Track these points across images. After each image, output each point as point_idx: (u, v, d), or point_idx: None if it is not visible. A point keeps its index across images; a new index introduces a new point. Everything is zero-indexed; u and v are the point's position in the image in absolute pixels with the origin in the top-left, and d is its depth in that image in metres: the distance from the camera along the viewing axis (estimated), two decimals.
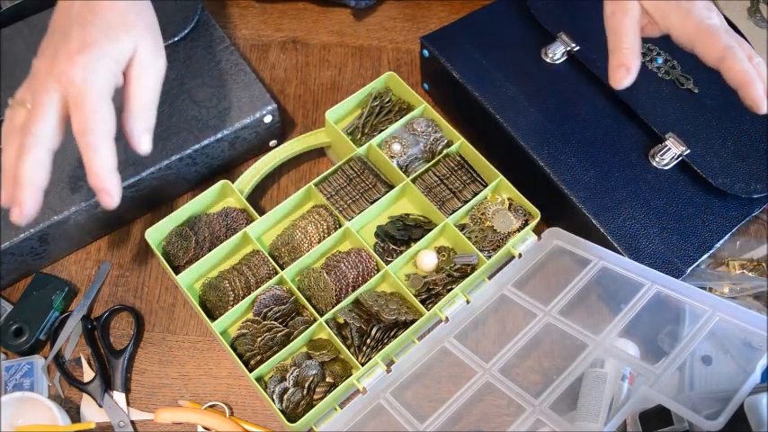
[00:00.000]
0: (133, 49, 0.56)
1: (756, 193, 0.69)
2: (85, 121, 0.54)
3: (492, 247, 0.74)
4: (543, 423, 0.60)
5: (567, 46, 0.77)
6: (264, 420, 0.70)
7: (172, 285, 0.76)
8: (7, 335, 0.70)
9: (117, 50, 0.55)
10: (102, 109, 0.54)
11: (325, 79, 0.88)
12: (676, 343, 0.60)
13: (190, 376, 0.72)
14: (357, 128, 0.80)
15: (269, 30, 0.92)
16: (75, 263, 0.76)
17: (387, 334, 0.69)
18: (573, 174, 0.72)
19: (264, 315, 0.70)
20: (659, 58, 0.76)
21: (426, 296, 0.72)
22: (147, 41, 0.58)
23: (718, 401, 0.61)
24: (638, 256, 0.68)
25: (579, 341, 0.65)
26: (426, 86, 0.87)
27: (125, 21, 0.57)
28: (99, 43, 0.54)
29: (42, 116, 0.54)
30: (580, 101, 0.76)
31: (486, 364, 0.68)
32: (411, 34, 0.92)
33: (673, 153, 0.71)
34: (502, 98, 0.76)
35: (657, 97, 0.74)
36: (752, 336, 0.59)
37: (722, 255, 0.76)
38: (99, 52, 0.54)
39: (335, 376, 0.69)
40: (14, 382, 0.69)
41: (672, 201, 0.70)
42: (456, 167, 0.76)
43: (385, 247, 0.75)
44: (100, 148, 0.54)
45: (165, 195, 0.78)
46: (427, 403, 0.68)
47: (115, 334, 0.74)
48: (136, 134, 0.57)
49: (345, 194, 0.75)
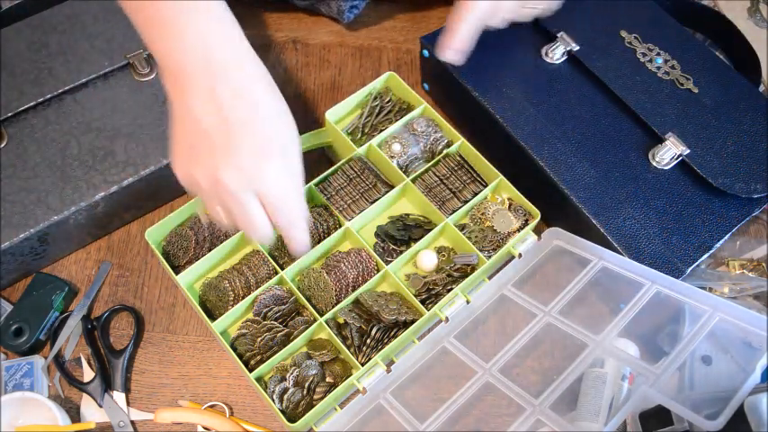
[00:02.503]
0: (290, 128, 0.58)
1: (756, 193, 0.69)
2: (290, 219, 0.59)
3: (492, 247, 0.74)
4: (543, 423, 0.60)
5: (567, 46, 0.77)
6: (264, 420, 0.70)
7: (172, 285, 0.76)
8: (7, 335, 0.70)
9: (295, 146, 0.58)
10: (301, 204, 0.60)
11: (325, 79, 0.88)
12: (676, 343, 0.60)
13: (190, 376, 0.72)
14: (357, 128, 0.80)
15: (269, 30, 0.92)
16: (75, 263, 0.76)
17: (387, 334, 0.69)
18: (573, 174, 0.72)
19: (264, 315, 0.70)
20: (659, 58, 0.76)
21: (426, 296, 0.72)
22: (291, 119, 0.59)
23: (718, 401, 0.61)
24: (638, 256, 0.68)
25: (579, 341, 0.65)
26: (426, 86, 0.87)
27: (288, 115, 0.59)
28: (274, 138, 0.56)
29: (259, 224, 0.57)
30: (580, 101, 0.76)
31: (486, 364, 0.68)
32: (411, 34, 0.92)
33: (673, 153, 0.71)
34: (502, 98, 0.76)
35: (657, 97, 0.74)
36: (752, 336, 0.59)
37: (722, 255, 0.76)
38: (284, 151, 0.56)
39: (335, 376, 0.69)
40: (14, 382, 0.69)
41: (672, 201, 0.70)
42: (456, 167, 0.76)
43: (385, 247, 0.75)
44: (301, 232, 0.61)
45: (165, 195, 0.78)
46: (427, 403, 0.68)
47: (115, 334, 0.74)
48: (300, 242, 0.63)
49: (345, 194, 0.75)
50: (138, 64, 0.76)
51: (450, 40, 0.70)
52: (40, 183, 0.71)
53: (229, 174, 0.54)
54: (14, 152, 0.72)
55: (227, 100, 0.54)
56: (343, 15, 0.88)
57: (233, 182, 0.54)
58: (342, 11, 0.87)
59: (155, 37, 0.55)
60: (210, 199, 0.57)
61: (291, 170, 0.57)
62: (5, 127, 0.73)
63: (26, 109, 0.73)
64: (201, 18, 0.54)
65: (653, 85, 0.75)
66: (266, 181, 0.55)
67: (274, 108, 0.57)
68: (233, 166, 0.54)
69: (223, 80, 0.54)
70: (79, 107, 0.74)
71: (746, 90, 0.75)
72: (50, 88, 0.74)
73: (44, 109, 0.74)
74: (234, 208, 0.56)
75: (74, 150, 0.72)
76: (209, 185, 0.55)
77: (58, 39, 0.76)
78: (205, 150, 0.54)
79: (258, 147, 0.54)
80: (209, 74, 0.54)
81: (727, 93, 0.74)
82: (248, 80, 0.56)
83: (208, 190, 0.56)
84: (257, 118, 0.55)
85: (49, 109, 0.74)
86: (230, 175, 0.54)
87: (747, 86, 0.75)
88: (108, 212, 0.74)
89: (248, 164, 0.54)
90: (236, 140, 0.54)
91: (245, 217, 0.56)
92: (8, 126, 0.73)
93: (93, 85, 0.75)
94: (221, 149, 0.54)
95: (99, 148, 0.73)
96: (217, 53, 0.54)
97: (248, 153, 0.54)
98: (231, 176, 0.54)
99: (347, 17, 0.88)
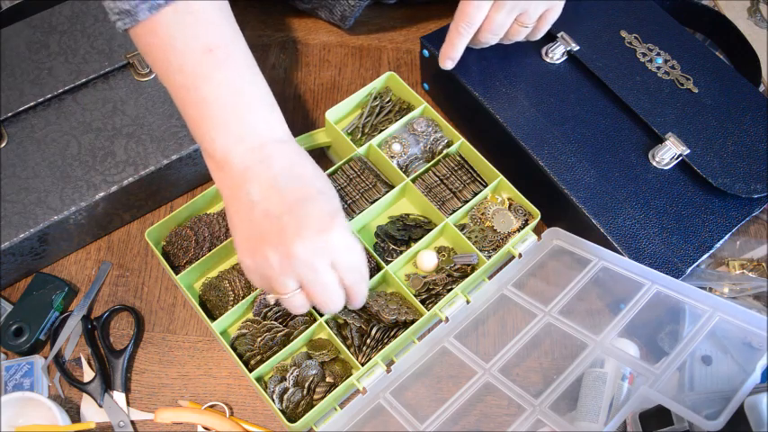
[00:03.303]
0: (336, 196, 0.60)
1: (756, 193, 0.69)
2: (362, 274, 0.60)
3: (492, 247, 0.74)
4: (543, 423, 0.60)
5: (567, 46, 0.77)
6: (264, 420, 0.70)
7: (172, 285, 0.76)
8: (7, 335, 0.70)
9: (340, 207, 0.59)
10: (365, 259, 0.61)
11: (325, 79, 0.88)
12: (676, 343, 0.60)
13: (190, 376, 0.72)
14: (357, 128, 0.80)
15: (269, 30, 0.92)
16: (75, 263, 0.76)
17: (387, 334, 0.69)
18: (573, 174, 0.72)
19: (264, 315, 0.70)
20: (659, 58, 0.76)
21: (426, 296, 0.72)
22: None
23: (719, 401, 0.61)
24: (638, 256, 0.68)
25: (579, 341, 0.65)
26: (426, 86, 0.87)
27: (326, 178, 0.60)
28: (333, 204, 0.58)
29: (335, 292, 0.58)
30: (580, 101, 0.76)
31: (486, 364, 0.68)
32: (411, 34, 0.92)
33: (673, 153, 0.71)
34: (502, 98, 0.76)
35: (657, 97, 0.74)
36: (752, 336, 0.59)
37: (722, 255, 0.76)
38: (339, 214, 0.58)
39: (335, 376, 0.69)
40: (14, 382, 0.69)
41: (672, 201, 0.70)
42: (456, 167, 0.76)
43: (385, 247, 0.75)
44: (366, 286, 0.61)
45: (165, 195, 0.78)
46: (427, 403, 0.68)
47: (115, 334, 0.74)
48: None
49: (345, 194, 0.75)
50: (138, 64, 0.76)
51: (451, 52, 0.74)
52: (40, 183, 0.71)
53: (302, 247, 0.55)
54: (14, 152, 0.72)
55: (285, 183, 0.57)
56: (346, 21, 0.88)
57: (307, 253, 0.56)
58: (346, 16, 0.87)
59: (206, 131, 0.57)
60: (284, 276, 0.57)
61: (349, 229, 0.59)
62: (5, 127, 0.73)
63: (26, 109, 0.73)
64: (253, 112, 0.57)
65: (653, 85, 0.75)
66: (336, 247, 0.57)
67: (322, 179, 0.60)
68: (304, 240, 0.55)
69: (278, 167, 0.57)
70: (79, 107, 0.74)
71: (746, 90, 0.75)
72: (50, 88, 0.74)
73: (44, 109, 0.74)
74: (309, 277, 0.57)
75: (74, 150, 0.72)
76: (281, 263, 0.56)
77: (58, 39, 0.76)
78: (275, 232, 0.56)
79: (321, 218, 0.56)
80: (265, 164, 0.57)
81: (727, 93, 0.74)
82: (297, 160, 0.59)
83: (280, 268, 0.57)
84: (315, 192, 0.57)
85: (49, 109, 0.74)
86: (303, 247, 0.55)
87: (747, 86, 0.75)
88: (108, 212, 0.74)
89: (317, 235, 0.56)
90: (301, 217, 0.56)
91: (320, 287, 0.58)
92: (8, 126, 0.73)
93: (93, 85, 0.75)
94: (289, 228, 0.56)
95: (99, 148, 0.73)
96: (269, 143, 0.57)
97: (315, 226, 0.56)
98: (304, 249, 0.56)
99: (349, 23, 0.88)
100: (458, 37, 0.72)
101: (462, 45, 0.73)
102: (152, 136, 0.74)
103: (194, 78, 0.55)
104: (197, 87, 0.56)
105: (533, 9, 0.71)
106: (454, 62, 0.75)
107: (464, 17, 0.70)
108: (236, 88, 0.56)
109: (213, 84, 0.56)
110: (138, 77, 0.76)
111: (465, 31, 0.72)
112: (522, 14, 0.71)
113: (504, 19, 0.70)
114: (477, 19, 0.70)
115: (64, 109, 0.74)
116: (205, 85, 0.56)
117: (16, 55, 0.75)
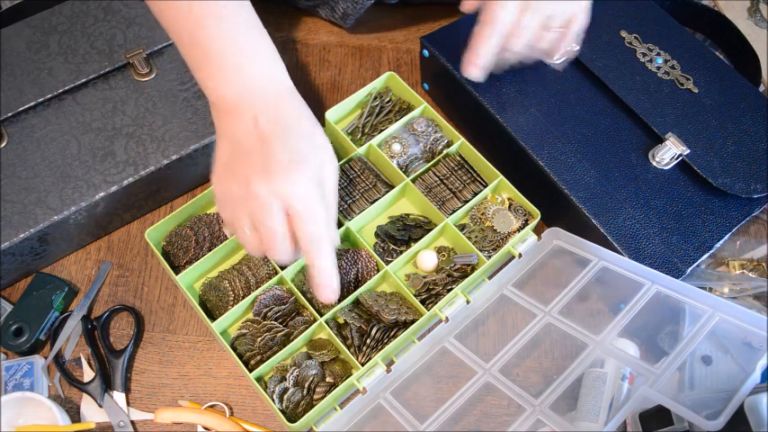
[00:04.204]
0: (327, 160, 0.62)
1: (756, 193, 0.69)
2: (316, 231, 0.58)
3: (492, 247, 0.74)
4: (543, 423, 0.60)
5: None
6: (264, 420, 0.70)
7: (172, 285, 0.76)
8: (7, 335, 0.70)
9: (331, 175, 0.61)
10: (326, 225, 0.60)
11: (325, 79, 0.88)
12: (676, 343, 0.60)
13: (190, 376, 0.72)
14: (357, 128, 0.80)
15: (269, 30, 0.91)
16: (75, 263, 0.76)
17: (387, 334, 0.69)
18: (573, 174, 0.72)
19: (264, 315, 0.70)
20: (659, 58, 0.76)
21: (426, 296, 0.72)
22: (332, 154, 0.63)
23: (719, 401, 0.61)
24: (638, 256, 0.68)
25: (579, 341, 0.65)
26: (426, 86, 0.87)
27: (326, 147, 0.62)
28: (307, 157, 0.59)
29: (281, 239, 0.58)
30: (580, 101, 0.76)
31: (486, 364, 0.68)
32: (411, 34, 0.92)
33: (673, 153, 0.71)
34: (502, 98, 0.76)
35: (657, 97, 0.74)
36: (752, 336, 0.59)
37: (722, 255, 0.76)
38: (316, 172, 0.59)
39: (335, 376, 0.69)
40: (14, 382, 0.69)
41: (672, 201, 0.70)
42: (456, 167, 0.76)
43: (385, 247, 0.75)
44: (327, 252, 0.60)
45: (165, 195, 0.78)
46: (427, 403, 0.68)
47: (115, 334, 0.74)
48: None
49: (345, 194, 0.75)
50: (138, 64, 0.76)
51: (475, 58, 0.68)
52: (40, 183, 0.71)
53: (260, 184, 0.57)
54: (14, 152, 0.72)
55: (266, 125, 0.59)
56: (348, 19, 0.88)
57: (262, 190, 0.57)
58: (348, 14, 0.87)
59: (208, 74, 0.61)
60: (239, 212, 0.59)
61: (323, 192, 0.60)
62: (5, 127, 0.73)
63: (26, 109, 0.73)
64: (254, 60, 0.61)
65: (653, 85, 0.75)
66: (294, 192, 0.57)
67: (308, 132, 0.61)
68: (265, 177, 0.57)
69: (265, 111, 0.60)
70: (79, 107, 0.74)
71: (746, 90, 0.75)
72: (50, 88, 0.74)
73: (44, 109, 0.74)
74: (259, 217, 0.58)
75: (74, 150, 0.72)
76: (241, 196, 0.58)
77: (57, 39, 0.76)
78: (242, 165, 0.58)
79: (290, 161, 0.58)
80: (254, 107, 0.60)
81: (727, 93, 0.74)
82: (288, 110, 0.61)
83: (239, 201, 0.59)
84: (291, 137, 0.59)
85: (49, 109, 0.74)
86: (261, 184, 0.57)
87: (747, 86, 0.75)
88: (108, 212, 0.74)
89: (279, 176, 0.57)
90: (270, 155, 0.58)
91: (268, 230, 0.58)
92: (8, 126, 0.73)
93: (92, 85, 0.75)
94: (256, 164, 0.58)
95: (99, 148, 0.73)
96: (263, 90, 0.61)
97: (280, 166, 0.57)
98: (262, 186, 0.57)
99: (351, 21, 0.88)
100: (482, 40, 0.66)
101: (486, 49, 0.67)
102: (152, 136, 0.74)
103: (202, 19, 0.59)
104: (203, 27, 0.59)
105: (559, 13, 0.67)
106: (479, 68, 0.68)
107: (488, 17, 0.66)
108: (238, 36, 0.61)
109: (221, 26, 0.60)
110: (138, 77, 0.76)
111: (489, 33, 0.66)
112: (547, 19, 0.67)
113: (530, 21, 0.66)
114: (502, 18, 0.65)
115: (64, 109, 0.74)
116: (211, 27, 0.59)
117: (16, 55, 0.75)
